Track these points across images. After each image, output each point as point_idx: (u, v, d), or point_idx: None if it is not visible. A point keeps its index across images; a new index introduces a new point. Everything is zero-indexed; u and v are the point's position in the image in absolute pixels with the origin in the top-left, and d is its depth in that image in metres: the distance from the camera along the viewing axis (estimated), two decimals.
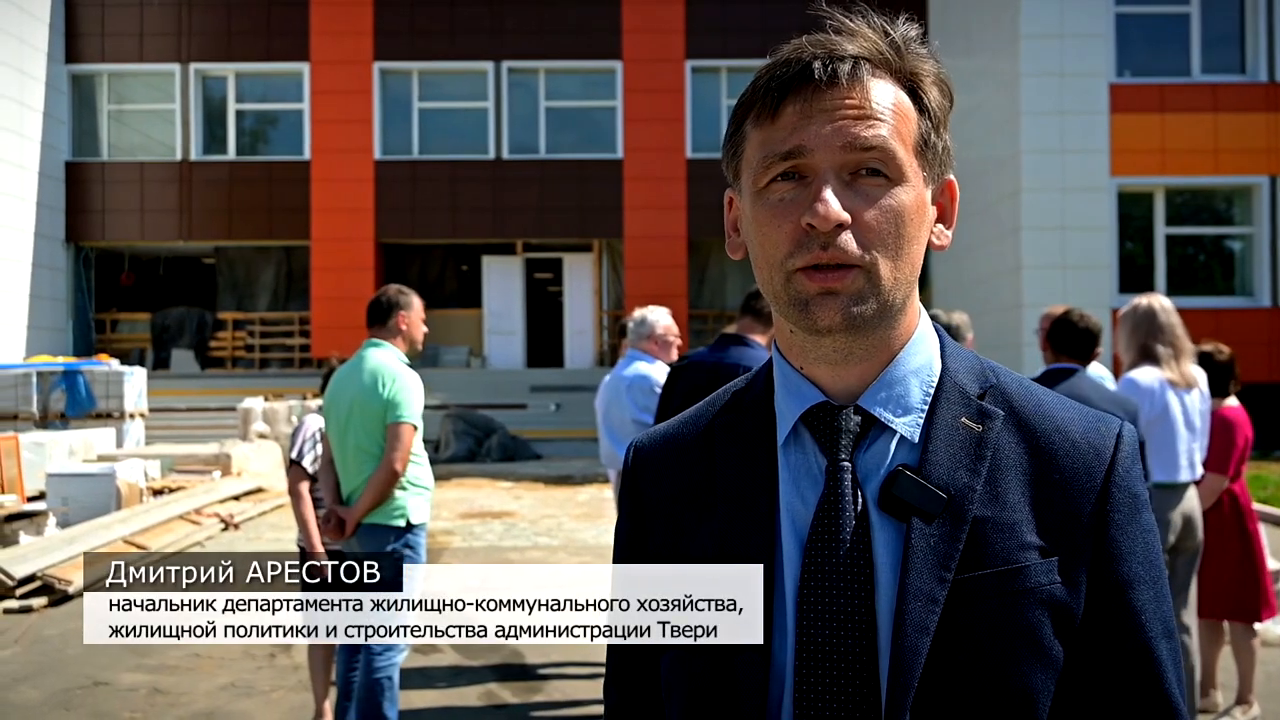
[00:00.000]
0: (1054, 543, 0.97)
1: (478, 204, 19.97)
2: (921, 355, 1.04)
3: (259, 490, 12.53)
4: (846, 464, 1.00)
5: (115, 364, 14.84)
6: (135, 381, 14.48)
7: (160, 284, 21.90)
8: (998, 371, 1.06)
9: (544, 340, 21.39)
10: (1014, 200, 16.10)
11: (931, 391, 1.03)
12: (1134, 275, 16.34)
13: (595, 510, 11.92)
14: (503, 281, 20.73)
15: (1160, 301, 4.33)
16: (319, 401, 4.82)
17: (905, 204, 0.98)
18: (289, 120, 20.41)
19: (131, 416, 14.29)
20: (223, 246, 20.95)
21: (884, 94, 0.99)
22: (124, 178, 20.05)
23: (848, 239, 0.95)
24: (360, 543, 4.05)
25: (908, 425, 1.01)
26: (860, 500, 0.98)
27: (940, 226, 1.06)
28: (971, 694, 0.93)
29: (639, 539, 1.11)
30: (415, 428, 4.07)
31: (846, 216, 0.95)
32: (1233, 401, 4.71)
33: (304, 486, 4.46)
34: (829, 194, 0.95)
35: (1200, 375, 4.32)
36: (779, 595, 0.99)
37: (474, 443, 17.64)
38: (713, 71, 20.16)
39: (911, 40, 1.02)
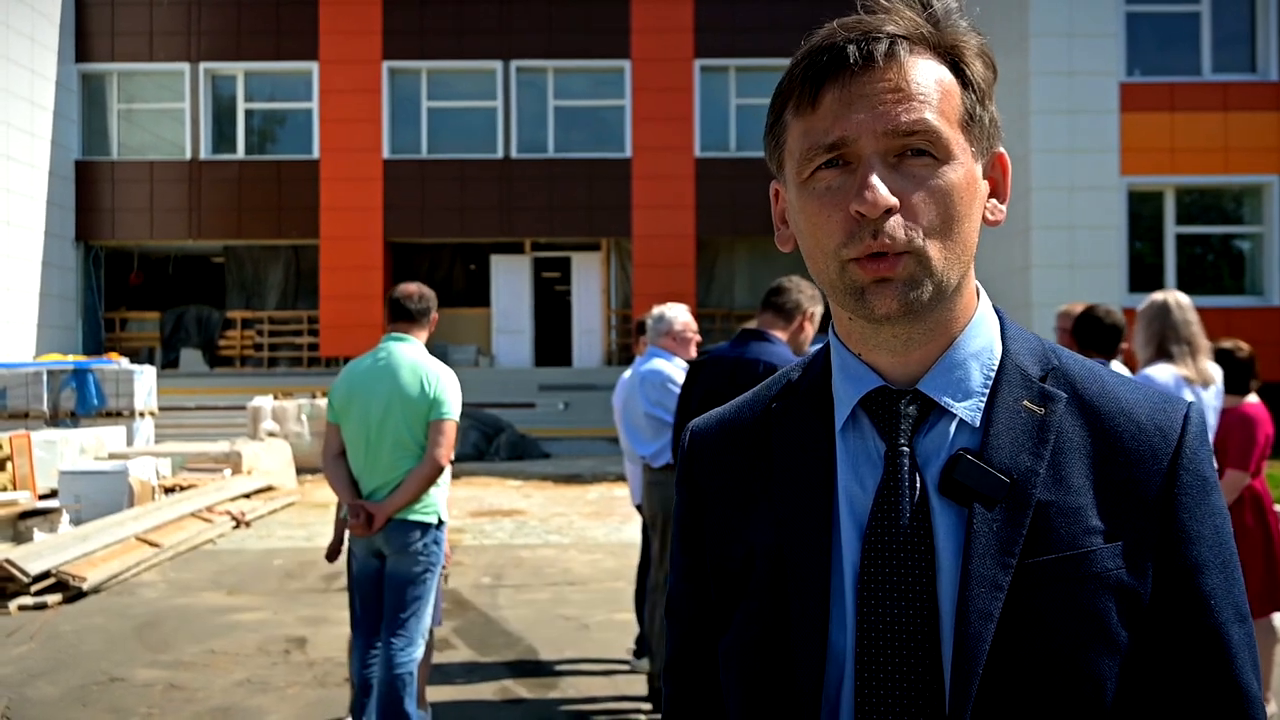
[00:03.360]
0: (1120, 527, 0.95)
1: (486, 203, 19.98)
2: (982, 337, 1.02)
3: (269, 488, 12.55)
4: (905, 448, 0.98)
5: (125, 363, 14.86)
6: (145, 380, 14.51)
7: (169, 283, 21.94)
8: (1060, 354, 1.04)
9: (552, 339, 21.41)
10: (1024, 199, 16.07)
11: (992, 374, 1.01)
12: (1143, 274, 16.31)
13: (605, 508, 11.91)
14: (511, 280, 20.74)
15: (1177, 298, 4.32)
16: None
17: (954, 183, 0.95)
18: (298, 119, 20.45)
19: (141, 415, 14.31)
20: (232, 245, 20.99)
21: (924, 72, 0.96)
22: (133, 177, 20.10)
23: (897, 224, 0.93)
24: (391, 539, 3.99)
25: (968, 409, 0.99)
26: (920, 485, 0.97)
27: (994, 201, 1.04)
28: (1037, 681, 0.91)
29: (696, 522, 1.11)
30: (456, 424, 4.10)
31: (894, 201, 0.93)
32: (1253, 398, 4.70)
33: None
34: (875, 179, 0.93)
35: (1216, 372, 4.31)
36: (837, 581, 0.98)
37: (483, 441, 17.65)
38: (721, 70, 20.14)
39: (951, 13, 0.99)
